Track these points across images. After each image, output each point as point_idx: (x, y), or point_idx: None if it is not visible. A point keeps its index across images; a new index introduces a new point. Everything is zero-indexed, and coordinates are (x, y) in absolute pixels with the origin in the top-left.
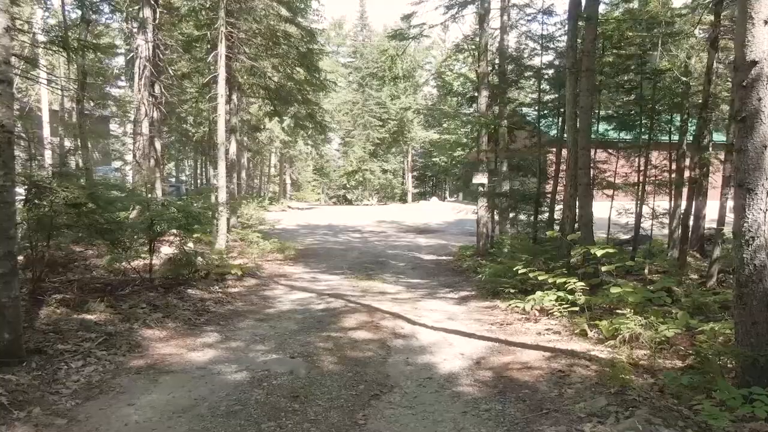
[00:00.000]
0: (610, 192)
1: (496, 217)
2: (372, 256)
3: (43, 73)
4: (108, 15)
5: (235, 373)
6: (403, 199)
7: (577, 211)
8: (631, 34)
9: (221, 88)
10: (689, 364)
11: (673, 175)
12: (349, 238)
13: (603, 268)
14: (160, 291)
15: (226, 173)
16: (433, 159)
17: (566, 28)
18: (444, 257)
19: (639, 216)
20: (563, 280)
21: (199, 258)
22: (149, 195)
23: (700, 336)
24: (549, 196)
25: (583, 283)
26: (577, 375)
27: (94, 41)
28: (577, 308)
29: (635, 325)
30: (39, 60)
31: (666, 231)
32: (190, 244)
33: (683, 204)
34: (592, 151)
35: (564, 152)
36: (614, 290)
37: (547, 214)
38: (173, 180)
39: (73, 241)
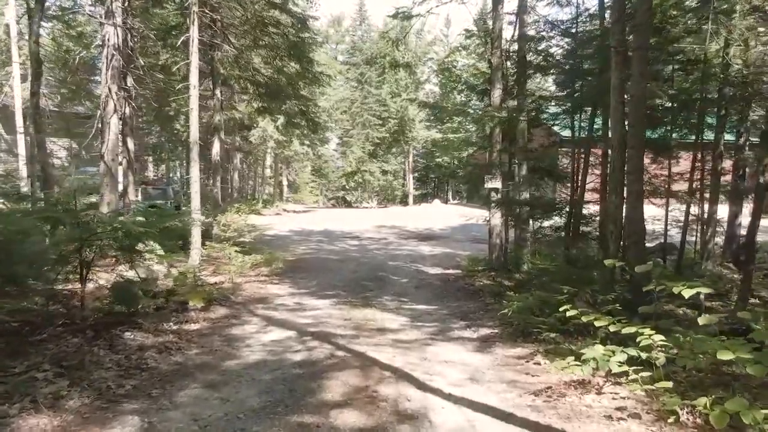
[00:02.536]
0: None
1: (511, 224)
2: (370, 270)
3: (17, 69)
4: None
5: None
6: (404, 202)
7: (624, 225)
8: (675, 12)
9: (193, 78)
10: None
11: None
12: (346, 247)
13: (701, 321)
14: (89, 335)
15: (208, 176)
16: (436, 160)
17: (589, 11)
18: (452, 270)
19: (686, 225)
20: (633, 329)
21: (156, 282)
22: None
23: None
24: (577, 204)
25: (662, 336)
26: None
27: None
28: (668, 383)
29: None
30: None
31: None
32: (159, 265)
33: (718, 209)
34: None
35: (591, 152)
36: (724, 354)
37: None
38: (165, 182)
39: None
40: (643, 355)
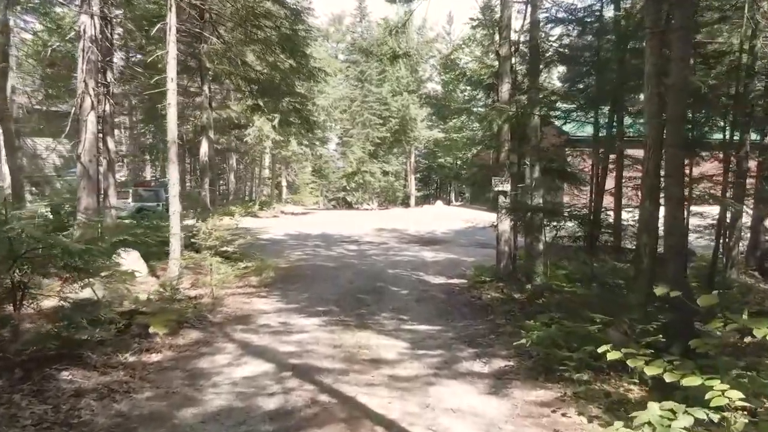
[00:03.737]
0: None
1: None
2: (368, 279)
3: None
4: None
5: None
6: (405, 203)
7: (663, 236)
8: None
9: (171, 70)
10: None
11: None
12: (344, 252)
13: None
14: (16, 375)
15: (198, 178)
16: (439, 160)
17: None
18: (456, 280)
19: (719, 231)
20: (697, 380)
21: (122, 301)
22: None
23: None
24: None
25: (741, 395)
26: None
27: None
28: None
29: None
30: None
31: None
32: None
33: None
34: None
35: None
36: None
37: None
38: (157, 183)
39: None
40: (715, 418)
